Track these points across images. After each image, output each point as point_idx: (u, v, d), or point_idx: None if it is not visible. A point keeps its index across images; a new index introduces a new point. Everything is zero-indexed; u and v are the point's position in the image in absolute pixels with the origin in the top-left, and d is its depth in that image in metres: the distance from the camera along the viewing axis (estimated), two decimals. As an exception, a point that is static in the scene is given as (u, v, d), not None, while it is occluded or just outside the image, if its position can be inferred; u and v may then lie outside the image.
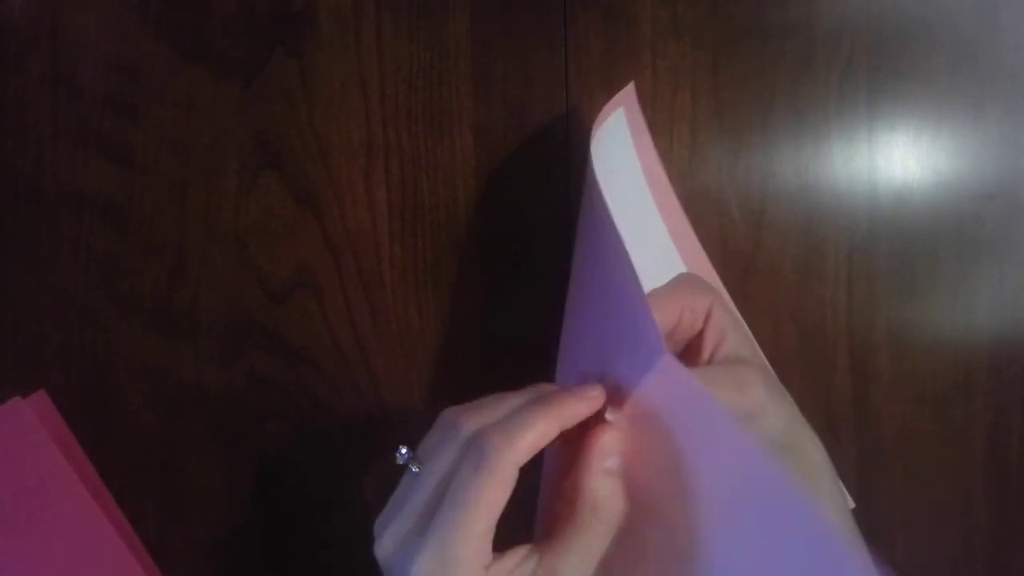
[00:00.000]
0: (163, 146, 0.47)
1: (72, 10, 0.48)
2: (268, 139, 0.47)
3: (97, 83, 0.48)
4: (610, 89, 0.47)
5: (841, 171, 0.47)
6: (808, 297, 0.47)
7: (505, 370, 0.48)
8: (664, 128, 0.47)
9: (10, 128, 0.47)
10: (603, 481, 0.33)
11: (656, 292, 0.37)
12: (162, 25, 0.48)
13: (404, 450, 0.33)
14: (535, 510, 0.36)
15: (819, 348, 0.47)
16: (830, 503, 0.36)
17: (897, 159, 0.47)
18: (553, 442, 0.32)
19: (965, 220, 0.47)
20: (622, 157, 0.45)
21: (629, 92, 0.45)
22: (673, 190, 0.47)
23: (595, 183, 0.38)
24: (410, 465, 0.33)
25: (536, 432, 0.31)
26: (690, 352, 0.38)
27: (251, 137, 0.47)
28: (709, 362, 0.37)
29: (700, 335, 0.38)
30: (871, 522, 0.47)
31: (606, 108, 0.43)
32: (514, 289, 0.48)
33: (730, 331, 0.38)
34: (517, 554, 0.32)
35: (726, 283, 0.47)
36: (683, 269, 0.46)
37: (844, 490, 0.39)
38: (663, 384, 0.32)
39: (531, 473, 0.33)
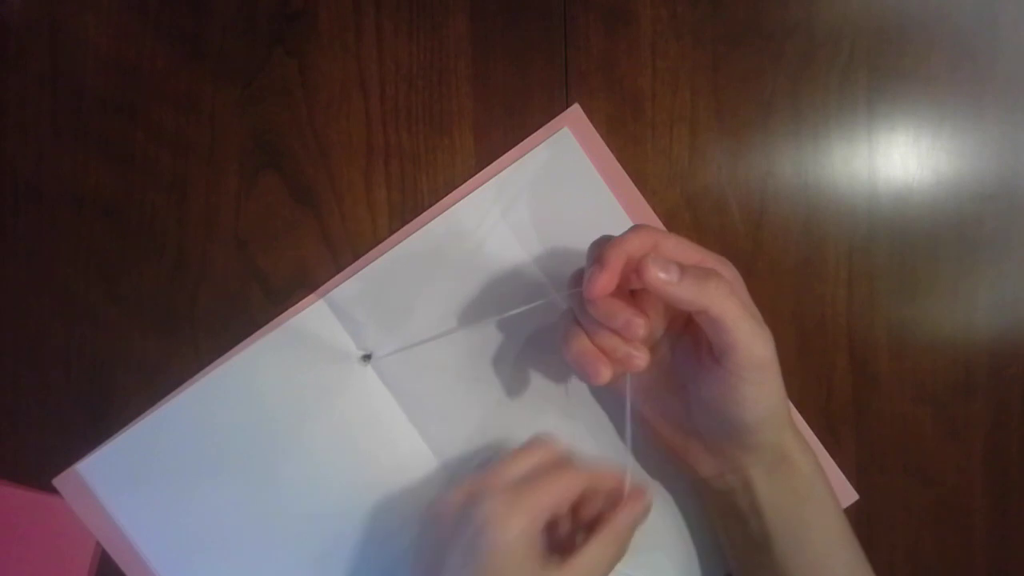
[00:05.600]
0: (163, 146, 0.47)
1: (72, 10, 0.48)
2: (268, 139, 0.47)
3: (97, 83, 0.48)
4: (610, 89, 0.47)
5: (841, 171, 0.47)
6: (808, 297, 0.47)
7: (505, 370, 0.48)
8: (664, 128, 0.47)
9: (10, 128, 0.47)
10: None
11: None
12: (162, 25, 0.48)
13: None
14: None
15: (819, 348, 0.47)
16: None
17: (897, 159, 0.47)
18: None
19: (965, 220, 0.47)
20: (576, 173, 0.47)
21: (575, 112, 0.47)
22: (645, 200, 0.47)
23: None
24: None
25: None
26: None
27: (251, 137, 0.47)
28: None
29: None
30: (871, 522, 0.47)
31: (538, 133, 0.47)
32: (514, 289, 0.48)
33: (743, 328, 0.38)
34: None
35: (726, 283, 0.47)
36: None
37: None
38: None
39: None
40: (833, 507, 0.41)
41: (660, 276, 0.36)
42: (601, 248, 0.38)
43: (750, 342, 0.37)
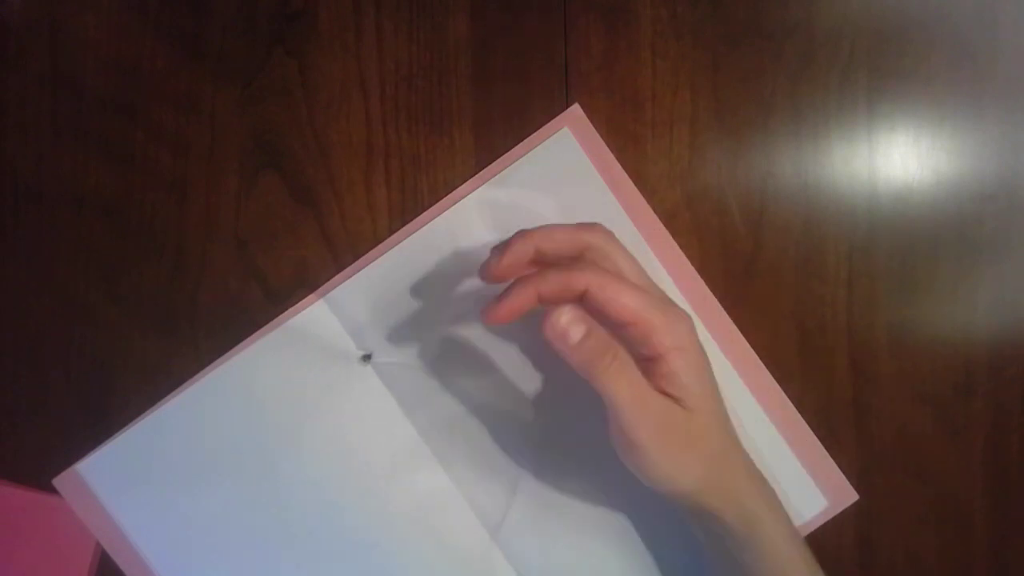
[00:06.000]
0: (163, 146, 0.47)
1: (72, 10, 0.48)
2: (268, 139, 0.47)
3: (97, 83, 0.48)
4: (610, 89, 0.47)
5: (841, 171, 0.47)
6: (808, 297, 0.47)
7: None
8: (664, 128, 0.47)
9: (10, 128, 0.47)
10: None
11: (638, 289, 0.38)
12: (162, 25, 0.48)
13: None
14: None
15: (819, 348, 0.47)
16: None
17: (897, 159, 0.47)
18: None
19: (965, 220, 0.47)
20: (576, 173, 0.47)
21: (575, 112, 0.47)
22: (645, 200, 0.47)
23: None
24: None
25: None
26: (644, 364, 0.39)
27: (251, 137, 0.47)
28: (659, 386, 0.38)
29: (654, 360, 0.38)
30: (871, 522, 0.47)
31: (538, 133, 0.47)
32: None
33: (683, 376, 0.38)
34: None
35: (726, 283, 0.47)
36: (663, 275, 0.46)
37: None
38: None
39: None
40: (780, 549, 0.40)
41: (558, 332, 0.36)
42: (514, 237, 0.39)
43: (633, 427, 0.37)
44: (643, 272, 0.41)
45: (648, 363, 0.38)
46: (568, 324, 0.36)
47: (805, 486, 0.46)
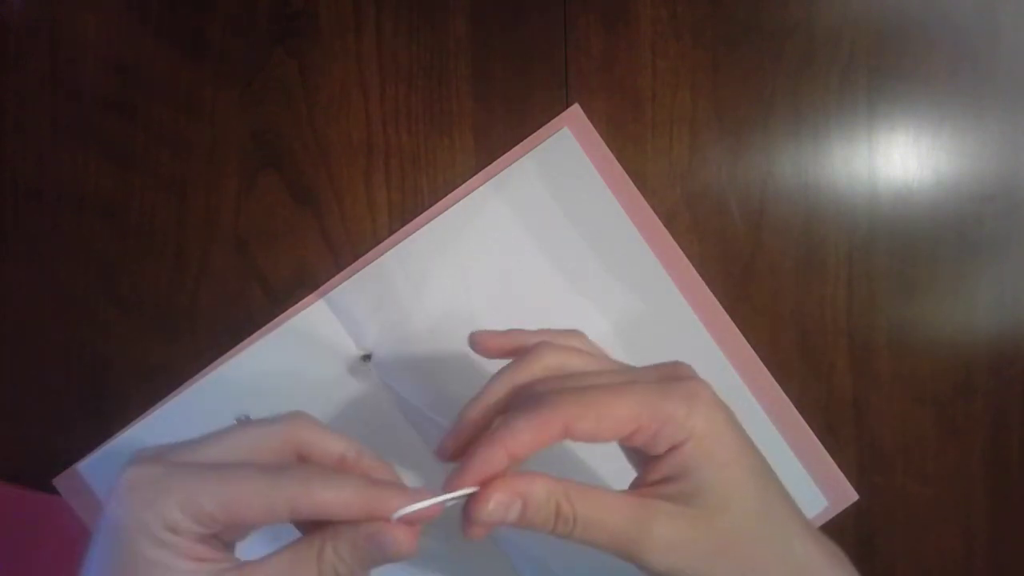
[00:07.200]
0: (163, 146, 0.47)
1: (72, 10, 0.48)
2: (268, 139, 0.47)
3: (97, 83, 0.48)
4: (610, 89, 0.47)
5: (841, 171, 0.47)
6: (808, 297, 0.47)
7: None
8: (664, 128, 0.47)
9: (10, 128, 0.47)
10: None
11: (621, 387, 0.32)
12: (162, 25, 0.48)
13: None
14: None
15: (819, 348, 0.47)
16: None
17: (897, 159, 0.47)
18: None
19: (965, 220, 0.47)
20: (576, 173, 0.47)
21: (575, 112, 0.47)
22: (645, 200, 0.47)
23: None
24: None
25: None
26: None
27: (251, 137, 0.47)
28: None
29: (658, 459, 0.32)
30: (871, 522, 0.47)
31: (538, 133, 0.47)
32: (514, 289, 0.48)
33: (696, 469, 0.31)
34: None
35: (726, 283, 0.47)
36: (664, 277, 0.46)
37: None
38: None
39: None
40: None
41: (493, 518, 0.31)
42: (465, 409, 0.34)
43: (638, 555, 0.31)
44: (604, 353, 0.36)
45: (651, 465, 0.32)
46: (499, 507, 0.31)
47: (805, 486, 0.46)
